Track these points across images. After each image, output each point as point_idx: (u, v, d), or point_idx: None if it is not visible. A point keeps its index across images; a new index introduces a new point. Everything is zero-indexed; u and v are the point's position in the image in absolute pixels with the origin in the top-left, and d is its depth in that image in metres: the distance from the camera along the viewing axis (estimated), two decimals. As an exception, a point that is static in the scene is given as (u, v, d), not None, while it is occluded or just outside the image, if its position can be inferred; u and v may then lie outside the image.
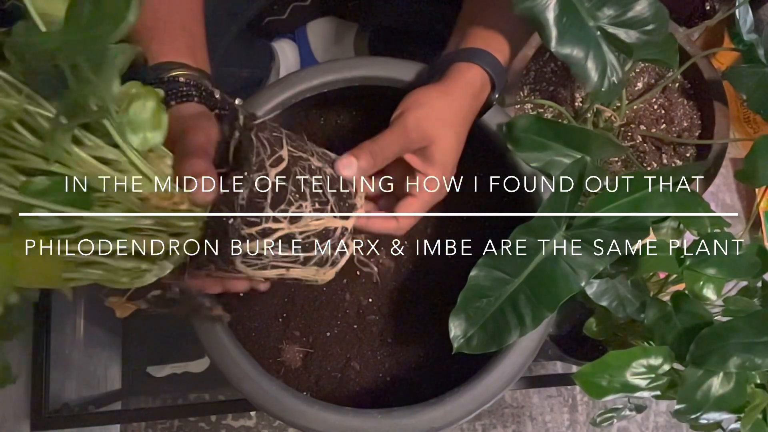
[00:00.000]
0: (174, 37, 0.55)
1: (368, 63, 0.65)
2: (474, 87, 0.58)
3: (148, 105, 0.41)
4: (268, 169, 0.42)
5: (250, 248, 0.43)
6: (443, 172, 0.56)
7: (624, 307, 0.60)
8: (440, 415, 0.56)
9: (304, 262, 0.46)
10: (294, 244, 0.45)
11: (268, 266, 0.45)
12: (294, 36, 1.10)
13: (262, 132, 0.43)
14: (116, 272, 0.43)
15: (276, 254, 0.44)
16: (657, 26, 0.59)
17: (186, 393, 1.05)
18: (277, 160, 0.43)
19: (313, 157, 0.46)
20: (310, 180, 0.45)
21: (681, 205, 0.60)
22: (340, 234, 0.47)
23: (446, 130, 0.55)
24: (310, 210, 0.44)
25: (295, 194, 0.44)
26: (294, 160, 0.44)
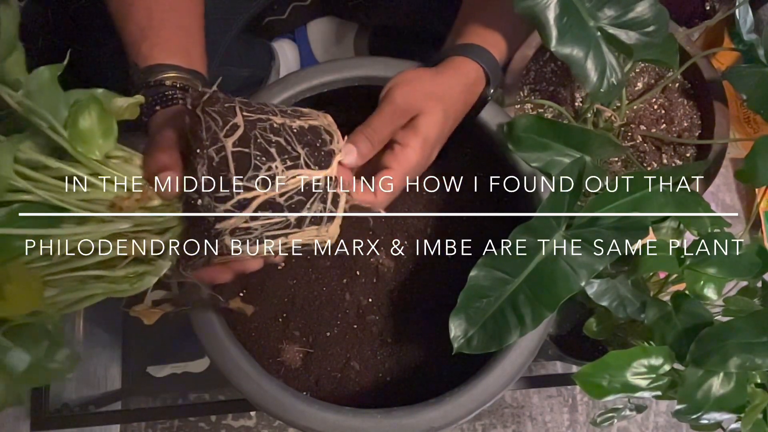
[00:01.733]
0: (167, 37, 0.54)
1: (368, 63, 0.65)
2: (468, 78, 0.58)
3: (93, 113, 0.41)
4: (222, 140, 0.41)
5: (232, 224, 0.42)
6: (423, 144, 0.53)
7: (624, 307, 0.60)
8: (440, 414, 0.56)
9: (299, 224, 0.44)
10: (278, 208, 0.43)
11: (263, 238, 0.44)
12: (294, 36, 1.10)
13: (211, 106, 0.42)
14: (116, 281, 0.43)
15: (264, 224, 0.43)
16: (657, 27, 0.59)
17: (186, 393, 1.05)
18: (231, 128, 0.41)
19: (276, 115, 0.44)
20: (274, 139, 0.43)
21: (681, 205, 0.60)
22: (325, 184, 0.45)
23: (433, 103, 0.54)
24: (281, 169, 0.42)
25: (261, 157, 0.42)
26: (251, 123, 0.43)
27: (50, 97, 0.39)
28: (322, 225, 0.46)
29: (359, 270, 0.71)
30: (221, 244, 0.43)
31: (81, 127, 0.40)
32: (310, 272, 0.71)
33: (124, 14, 0.55)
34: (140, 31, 0.54)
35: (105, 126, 0.41)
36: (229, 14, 0.82)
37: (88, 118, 0.40)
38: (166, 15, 0.55)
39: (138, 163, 0.44)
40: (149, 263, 0.44)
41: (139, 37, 0.54)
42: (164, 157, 0.43)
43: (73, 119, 0.40)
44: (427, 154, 0.54)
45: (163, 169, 0.42)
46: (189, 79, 0.53)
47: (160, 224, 0.44)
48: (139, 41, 0.54)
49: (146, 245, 0.43)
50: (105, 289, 0.43)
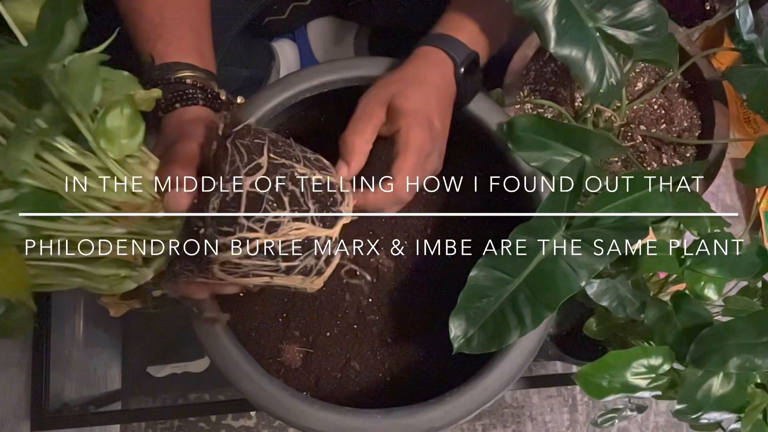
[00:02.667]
0: (181, 36, 0.55)
1: (368, 63, 0.65)
2: (428, 59, 0.59)
3: (125, 112, 0.41)
4: (242, 177, 0.41)
5: (225, 258, 0.42)
6: (416, 117, 0.53)
7: (624, 307, 0.60)
8: (440, 414, 0.56)
9: (287, 272, 0.45)
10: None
11: (249, 274, 0.44)
12: (294, 36, 1.09)
13: (241, 139, 0.42)
14: (95, 279, 0.43)
15: (256, 264, 0.43)
16: (656, 27, 0.59)
17: (186, 393, 1.05)
18: (254, 167, 0.42)
19: (300, 163, 0.45)
20: (290, 188, 0.43)
21: (681, 205, 0.60)
22: (324, 243, 0.45)
23: (406, 83, 0.55)
24: (288, 219, 0.43)
25: (273, 203, 0.42)
26: (275, 167, 0.43)
27: (86, 84, 0.38)
28: (308, 276, 0.46)
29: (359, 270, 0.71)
30: (210, 270, 0.43)
31: (109, 123, 0.40)
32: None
33: (134, 10, 0.55)
34: (153, 28, 0.54)
35: (133, 126, 0.41)
36: (229, 14, 0.82)
37: (119, 115, 0.40)
38: (179, 14, 0.56)
39: (153, 167, 0.44)
40: (133, 269, 0.44)
41: (153, 34, 0.54)
42: (181, 172, 0.43)
43: (103, 113, 0.40)
44: (426, 125, 0.54)
45: (176, 182, 0.42)
46: (206, 79, 0.53)
47: (157, 237, 0.44)
48: (153, 38, 0.54)
49: (136, 252, 0.43)
50: (82, 284, 0.43)
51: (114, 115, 0.40)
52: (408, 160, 0.52)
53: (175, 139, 0.47)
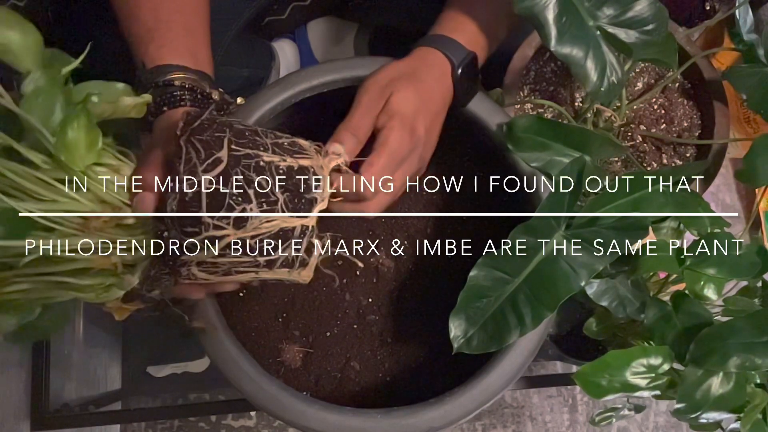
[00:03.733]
0: (174, 38, 0.54)
1: (368, 63, 0.65)
2: (426, 60, 0.59)
3: (81, 123, 0.41)
4: (199, 174, 0.40)
5: (197, 258, 0.41)
6: (401, 121, 0.53)
7: (624, 307, 0.60)
8: (440, 414, 0.56)
9: (269, 266, 0.44)
10: (248, 249, 0.42)
11: (231, 272, 0.43)
12: (294, 36, 1.09)
13: (199, 135, 0.41)
14: (81, 289, 0.43)
15: (232, 261, 0.42)
16: (657, 26, 0.59)
17: (186, 393, 1.05)
18: (213, 163, 0.40)
19: (267, 151, 0.43)
20: (256, 179, 0.42)
21: (681, 205, 0.60)
22: (301, 233, 0.43)
23: (400, 83, 0.55)
24: (256, 212, 0.41)
25: (237, 198, 0.41)
26: (236, 160, 0.41)
27: (46, 99, 0.39)
28: (293, 269, 0.45)
29: (359, 270, 0.71)
30: (188, 272, 0.42)
31: (68, 138, 0.40)
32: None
33: (129, 14, 0.55)
34: (147, 31, 0.54)
35: (90, 139, 0.41)
36: (229, 14, 0.82)
37: (73, 130, 0.40)
38: (173, 16, 0.55)
39: (126, 173, 0.44)
40: (117, 276, 0.44)
41: (146, 37, 0.54)
42: (148, 177, 0.43)
43: (62, 129, 0.40)
44: (407, 132, 0.54)
45: (144, 188, 0.42)
46: (197, 80, 0.53)
47: (129, 243, 0.43)
48: (146, 41, 0.53)
49: (114, 261, 0.43)
50: (70, 295, 0.44)
51: (71, 129, 0.40)
52: (379, 161, 0.51)
53: (150, 144, 0.47)
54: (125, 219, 0.43)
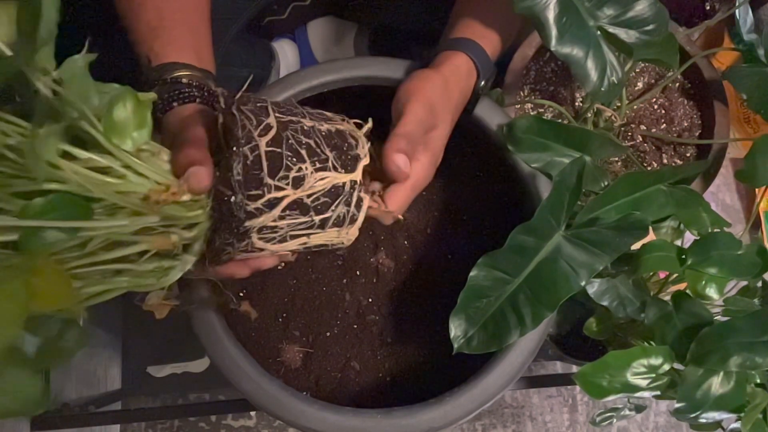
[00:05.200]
0: (178, 37, 0.55)
1: (368, 63, 0.65)
2: (460, 71, 0.58)
3: (128, 105, 0.40)
4: (257, 139, 0.42)
5: (261, 222, 0.42)
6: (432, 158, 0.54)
7: (624, 306, 0.60)
8: (440, 415, 0.56)
9: (322, 225, 0.45)
10: (305, 208, 0.44)
11: (287, 237, 0.45)
12: (294, 36, 1.09)
13: (244, 105, 0.43)
14: (142, 275, 0.44)
15: (291, 223, 0.44)
16: (657, 26, 0.59)
17: (186, 393, 1.05)
18: (265, 128, 0.42)
19: (305, 118, 0.45)
20: (304, 141, 0.44)
21: (681, 205, 0.60)
22: (350, 188, 0.46)
23: (445, 114, 0.55)
24: (311, 171, 0.43)
25: (292, 158, 0.43)
26: (283, 125, 0.43)
27: (82, 86, 0.38)
28: (343, 227, 0.47)
29: (359, 270, 0.71)
30: (248, 241, 0.44)
31: (116, 119, 0.40)
32: (310, 272, 0.71)
33: (133, 13, 0.55)
34: (151, 30, 0.54)
35: (140, 118, 0.41)
36: (229, 14, 0.82)
37: (123, 109, 0.40)
38: (177, 15, 0.56)
39: (165, 158, 0.44)
40: (175, 258, 0.45)
41: (150, 36, 0.54)
42: (195, 153, 0.43)
43: (108, 109, 0.40)
44: (434, 165, 0.55)
45: (195, 163, 0.43)
46: (203, 78, 0.53)
47: (190, 219, 0.44)
48: (151, 40, 0.54)
49: (175, 239, 0.43)
50: (130, 282, 0.43)
51: (119, 109, 0.40)
52: (405, 193, 0.51)
53: (178, 131, 0.47)
54: (181, 196, 0.43)
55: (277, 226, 0.44)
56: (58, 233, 0.38)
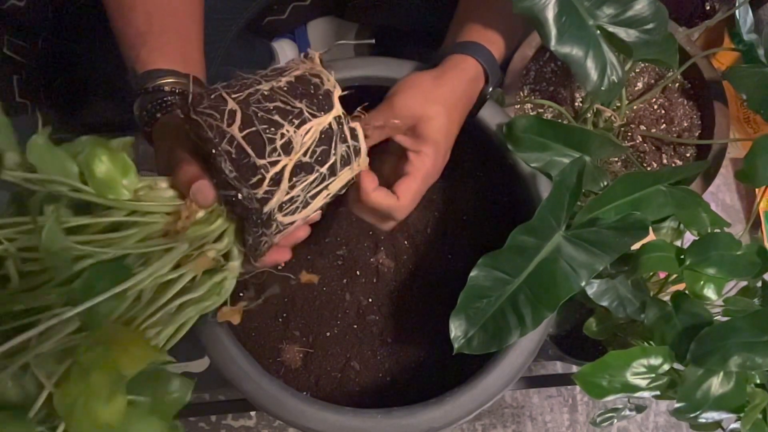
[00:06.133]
0: (166, 43, 0.54)
1: (368, 63, 0.65)
2: (468, 74, 0.58)
3: (104, 158, 0.41)
4: (228, 130, 0.41)
5: (277, 201, 0.43)
6: (436, 148, 0.54)
7: (624, 307, 0.60)
8: (440, 415, 0.56)
9: (333, 172, 0.46)
10: (308, 166, 0.44)
11: (308, 199, 0.45)
12: (294, 36, 1.09)
13: (200, 105, 0.42)
14: (203, 299, 0.44)
15: (304, 186, 0.44)
16: (657, 25, 0.59)
17: (186, 393, 1.05)
18: (230, 116, 0.42)
19: (261, 84, 0.45)
20: (271, 106, 0.43)
21: (681, 205, 0.60)
22: (338, 125, 0.45)
23: (435, 107, 0.55)
24: (293, 130, 0.43)
25: (269, 128, 0.42)
26: (245, 102, 0.43)
27: (53, 159, 0.39)
28: (353, 162, 0.47)
29: (359, 270, 0.71)
30: (275, 223, 0.44)
31: (100, 176, 0.40)
32: (311, 272, 0.71)
33: (123, 19, 0.55)
34: (139, 36, 0.54)
35: (121, 165, 0.41)
36: (229, 14, 0.82)
37: (101, 164, 0.40)
38: (166, 20, 0.55)
39: (164, 185, 0.44)
40: (222, 270, 0.45)
41: (138, 42, 0.54)
42: (191, 169, 0.44)
43: (89, 171, 0.40)
44: (441, 157, 0.55)
45: (194, 180, 0.43)
46: (187, 84, 0.53)
47: (215, 231, 0.44)
48: (138, 46, 0.53)
49: (213, 254, 0.44)
50: (196, 309, 0.44)
51: (98, 166, 0.40)
52: (415, 184, 0.53)
53: (169, 149, 0.47)
54: (196, 215, 0.43)
55: (293, 196, 0.44)
56: (109, 302, 0.39)
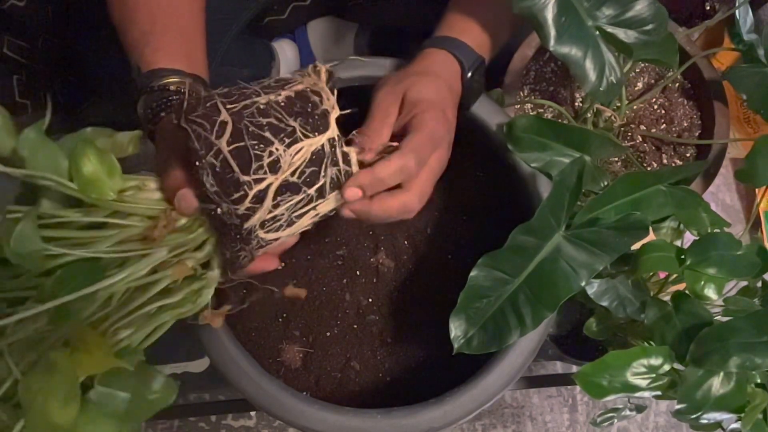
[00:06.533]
0: (169, 42, 0.54)
1: (368, 63, 0.65)
2: (435, 61, 0.58)
3: (92, 157, 0.41)
4: (215, 142, 0.40)
5: (258, 219, 0.42)
6: (431, 105, 0.53)
7: (624, 307, 0.60)
8: (440, 415, 0.56)
9: (321, 194, 0.44)
10: (295, 187, 0.43)
11: (293, 219, 0.44)
12: (294, 36, 1.09)
13: (193, 113, 0.42)
14: (179, 305, 0.44)
15: (288, 206, 0.43)
16: (656, 26, 0.59)
17: (186, 393, 1.05)
18: (220, 127, 0.41)
19: (259, 95, 0.43)
20: (264, 122, 0.42)
21: (681, 205, 0.60)
22: (330, 147, 0.44)
23: (419, 77, 0.54)
24: (282, 149, 0.42)
25: (258, 145, 0.41)
26: (238, 115, 0.42)
27: (45, 153, 0.39)
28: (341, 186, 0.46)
29: (359, 270, 0.71)
30: (256, 240, 0.43)
31: (86, 174, 0.40)
32: (310, 272, 0.71)
33: (127, 18, 0.55)
34: (143, 35, 0.54)
35: (107, 166, 0.41)
36: (229, 14, 0.82)
37: (89, 163, 0.40)
38: (169, 20, 0.55)
39: (152, 186, 0.44)
40: (201, 278, 0.45)
41: (142, 41, 0.54)
42: (178, 175, 0.43)
43: (76, 169, 0.40)
44: (439, 110, 0.53)
45: (182, 186, 0.43)
46: (191, 84, 0.53)
47: (195, 240, 0.44)
48: (142, 45, 0.53)
49: (191, 263, 0.44)
50: (172, 315, 0.44)
51: (86, 165, 0.40)
52: (419, 137, 0.50)
53: (165, 149, 0.47)
54: (179, 221, 0.43)
55: (276, 215, 0.43)
56: (79, 302, 0.39)
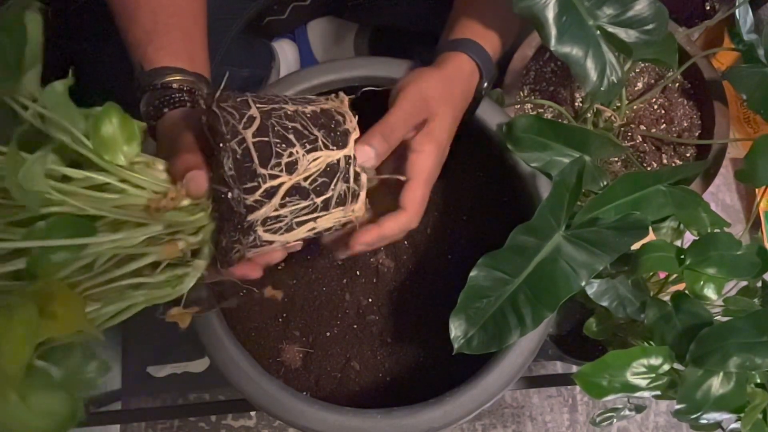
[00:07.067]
0: (171, 41, 0.55)
1: (368, 63, 0.65)
2: (463, 73, 0.58)
3: (114, 120, 0.41)
4: (242, 132, 0.42)
5: (263, 214, 0.42)
6: (437, 149, 0.54)
7: (624, 307, 0.60)
8: (440, 415, 0.56)
9: (326, 206, 0.45)
10: (305, 192, 0.44)
11: (293, 225, 0.45)
12: (294, 36, 1.09)
13: (224, 102, 0.43)
14: (157, 287, 0.44)
15: (293, 209, 0.44)
16: (657, 26, 0.59)
17: (186, 393, 1.05)
18: (248, 120, 0.42)
19: (287, 104, 0.45)
20: (290, 125, 0.44)
21: (681, 205, 0.60)
22: (345, 164, 0.46)
23: (444, 107, 0.55)
24: (302, 153, 0.43)
25: (281, 144, 0.43)
26: (266, 113, 0.43)
27: (65, 110, 0.39)
28: (347, 205, 0.47)
29: (359, 270, 0.71)
30: (254, 235, 0.44)
31: (104, 135, 0.40)
32: (310, 272, 0.71)
33: (128, 17, 0.55)
34: (145, 34, 0.54)
35: (128, 132, 0.41)
36: (229, 14, 0.82)
37: (110, 125, 0.40)
38: (171, 19, 0.56)
39: (160, 167, 0.44)
40: (187, 265, 0.45)
41: (144, 40, 0.54)
42: (191, 157, 0.44)
43: (95, 128, 0.40)
44: (440, 157, 0.55)
45: (191, 168, 0.43)
46: (194, 83, 0.53)
47: (194, 224, 0.44)
48: (144, 44, 0.54)
49: (183, 246, 0.43)
50: (146, 296, 0.43)
51: (105, 126, 0.40)
52: (420, 191, 0.52)
53: (172, 138, 0.47)
54: (182, 201, 0.43)
55: (280, 215, 0.43)
56: (64, 253, 0.38)
